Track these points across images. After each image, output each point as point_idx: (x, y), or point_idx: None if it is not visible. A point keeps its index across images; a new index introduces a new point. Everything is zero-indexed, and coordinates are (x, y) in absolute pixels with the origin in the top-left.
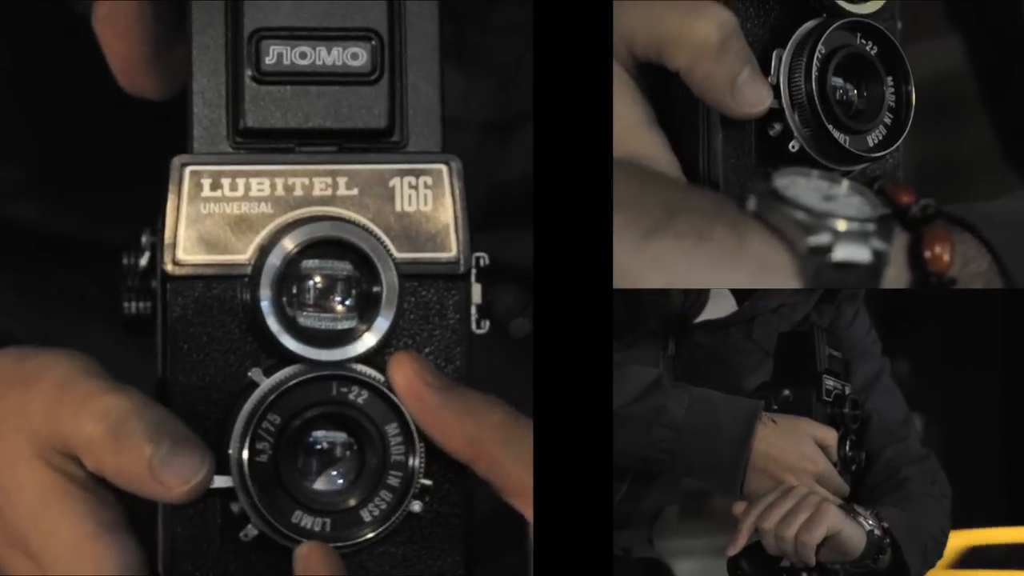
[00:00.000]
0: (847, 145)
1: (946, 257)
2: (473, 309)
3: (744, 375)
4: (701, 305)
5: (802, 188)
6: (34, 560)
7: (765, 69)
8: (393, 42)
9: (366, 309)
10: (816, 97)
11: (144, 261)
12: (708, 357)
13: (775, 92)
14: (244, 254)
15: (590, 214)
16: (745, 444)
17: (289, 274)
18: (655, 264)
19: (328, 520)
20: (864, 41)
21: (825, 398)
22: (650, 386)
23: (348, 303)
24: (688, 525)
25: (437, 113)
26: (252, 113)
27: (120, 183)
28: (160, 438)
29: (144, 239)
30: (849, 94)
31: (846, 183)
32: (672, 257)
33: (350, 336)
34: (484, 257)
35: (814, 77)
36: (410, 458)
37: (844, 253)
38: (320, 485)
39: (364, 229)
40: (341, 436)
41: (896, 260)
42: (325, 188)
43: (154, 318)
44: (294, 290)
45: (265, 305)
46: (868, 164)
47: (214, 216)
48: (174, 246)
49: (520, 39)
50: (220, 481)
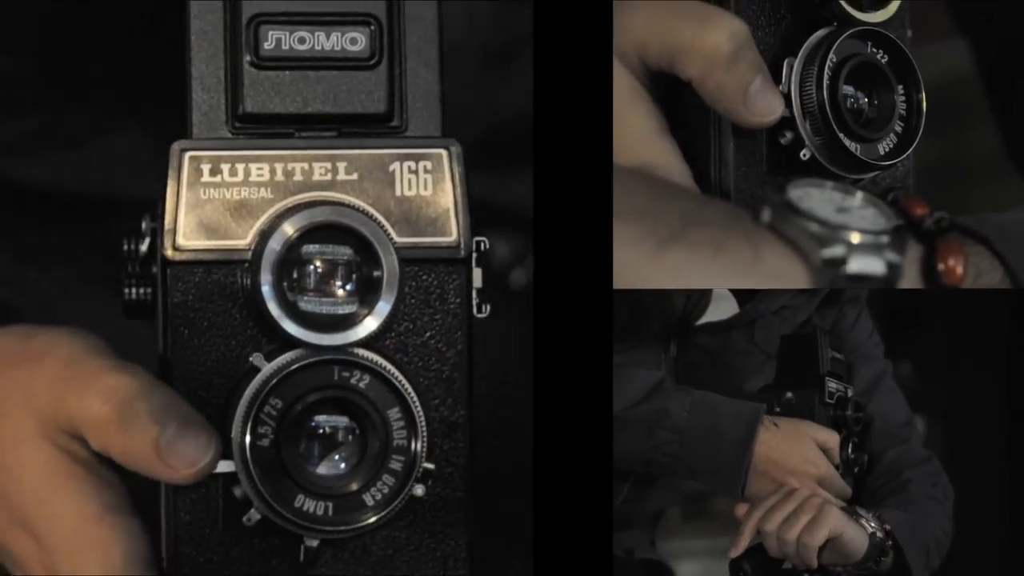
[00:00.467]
0: (858, 153)
1: (959, 270)
2: (474, 293)
3: (746, 377)
4: (703, 307)
5: (816, 200)
6: (38, 540)
7: (776, 78)
8: (392, 26)
9: (367, 294)
10: (827, 106)
11: (144, 247)
12: (710, 359)
13: (786, 101)
14: (244, 239)
15: (590, 215)
16: (747, 448)
17: (289, 259)
18: (671, 275)
19: (330, 504)
20: (875, 50)
21: (827, 400)
22: (652, 389)
23: (349, 288)
24: (690, 527)
25: (437, 97)
26: (251, 98)
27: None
28: (167, 419)
29: (144, 225)
30: (860, 103)
31: (860, 195)
32: (688, 268)
33: (351, 321)
34: (484, 241)
35: (825, 86)
36: (412, 442)
37: (858, 265)
38: (322, 469)
39: (364, 214)
40: (343, 420)
41: (909, 272)
42: (325, 173)
43: (155, 304)
44: (295, 275)
45: (266, 290)
46: (879, 172)
47: (214, 201)
48: (174, 232)
49: None
50: (223, 466)
